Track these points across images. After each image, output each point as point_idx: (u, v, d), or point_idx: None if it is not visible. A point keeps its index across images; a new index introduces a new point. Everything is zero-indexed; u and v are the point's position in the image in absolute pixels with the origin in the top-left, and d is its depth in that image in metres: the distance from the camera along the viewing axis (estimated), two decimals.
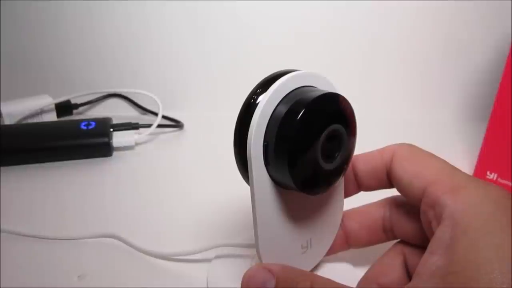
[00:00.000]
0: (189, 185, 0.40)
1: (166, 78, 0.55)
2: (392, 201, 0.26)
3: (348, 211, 0.27)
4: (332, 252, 0.27)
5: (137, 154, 0.46)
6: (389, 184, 0.25)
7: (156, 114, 0.50)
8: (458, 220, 0.19)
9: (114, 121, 0.47)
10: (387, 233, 0.26)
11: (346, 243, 0.27)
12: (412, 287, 0.19)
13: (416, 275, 0.19)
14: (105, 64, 0.55)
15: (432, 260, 0.19)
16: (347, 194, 0.26)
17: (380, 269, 0.25)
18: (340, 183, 0.26)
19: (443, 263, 0.18)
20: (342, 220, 0.27)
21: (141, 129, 0.47)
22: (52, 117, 0.52)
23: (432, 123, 0.51)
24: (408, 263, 0.24)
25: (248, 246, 0.28)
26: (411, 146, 0.24)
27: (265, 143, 0.21)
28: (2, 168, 0.42)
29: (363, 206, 0.27)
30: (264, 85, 0.21)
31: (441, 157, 0.23)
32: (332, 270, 0.27)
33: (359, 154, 0.25)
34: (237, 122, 0.22)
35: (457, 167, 0.22)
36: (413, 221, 0.24)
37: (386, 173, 0.24)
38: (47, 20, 0.54)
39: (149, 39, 0.54)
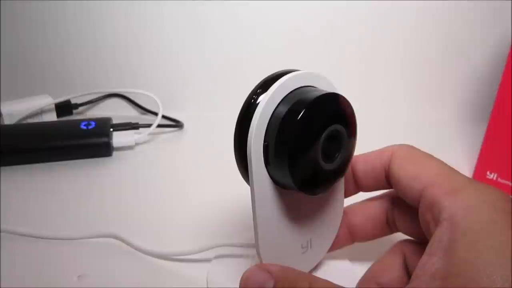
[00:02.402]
0: (189, 185, 0.40)
1: (166, 78, 0.55)
2: (394, 194, 0.26)
3: (351, 205, 0.27)
4: (337, 247, 0.27)
5: (137, 154, 0.46)
6: (388, 185, 0.25)
7: (156, 114, 0.50)
8: (457, 222, 0.19)
9: (114, 121, 0.47)
10: (391, 226, 0.26)
11: (350, 237, 0.27)
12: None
13: (415, 277, 0.19)
14: (105, 64, 0.55)
15: (431, 262, 0.19)
16: (347, 195, 0.26)
17: (380, 268, 0.25)
18: (340, 183, 0.26)
19: (443, 265, 0.18)
20: (346, 215, 0.27)
21: (141, 129, 0.47)
22: (52, 117, 0.52)
23: (432, 123, 0.51)
24: (409, 263, 0.24)
25: (248, 246, 0.28)
26: (410, 147, 0.24)
27: (265, 143, 0.21)
28: (2, 168, 0.42)
29: (366, 200, 0.27)
30: (265, 85, 0.21)
31: (441, 157, 0.23)
32: (332, 269, 0.27)
33: (358, 155, 0.25)
34: (237, 122, 0.22)
35: (457, 167, 0.22)
36: (413, 215, 0.24)
37: (385, 174, 0.24)
38: (47, 20, 0.54)
39: (149, 39, 0.54)
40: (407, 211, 0.24)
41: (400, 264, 0.24)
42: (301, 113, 0.20)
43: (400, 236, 0.26)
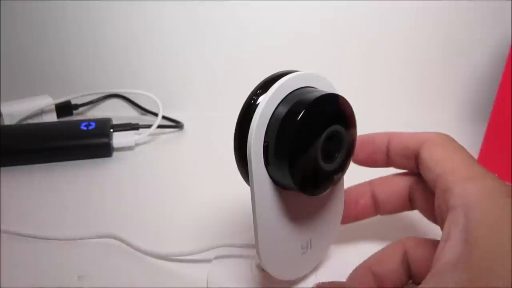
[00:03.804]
0: (189, 185, 0.40)
1: (166, 78, 0.55)
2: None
3: (377, 179, 0.28)
4: (361, 217, 0.28)
5: (137, 155, 0.46)
6: (416, 166, 0.25)
7: (156, 114, 0.50)
8: (471, 208, 0.19)
9: (114, 122, 0.47)
10: (412, 202, 0.27)
11: (374, 210, 0.28)
12: (436, 274, 0.19)
13: (437, 262, 0.19)
14: (105, 64, 0.55)
15: (446, 249, 0.19)
16: (376, 165, 0.27)
17: (378, 258, 0.25)
18: (341, 183, 0.26)
19: (461, 251, 0.18)
20: (373, 186, 0.27)
21: (141, 130, 0.47)
22: (52, 117, 0.52)
23: (432, 123, 0.51)
24: (410, 254, 0.24)
25: (248, 246, 0.28)
26: (446, 136, 0.25)
27: (265, 144, 0.21)
28: (2, 168, 0.42)
29: (392, 175, 0.28)
30: (265, 85, 0.21)
31: None
32: (332, 270, 0.27)
33: (396, 132, 0.26)
34: (237, 123, 0.22)
35: None
36: (432, 198, 0.24)
37: (414, 155, 0.25)
38: (47, 20, 0.54)
39: (149, 39, 0.54)
40: (428, 192, 0.25)
41: (399, 258, 0.24)
42: (301, 114, 0.20)
43: (400, 236, 0.26)
